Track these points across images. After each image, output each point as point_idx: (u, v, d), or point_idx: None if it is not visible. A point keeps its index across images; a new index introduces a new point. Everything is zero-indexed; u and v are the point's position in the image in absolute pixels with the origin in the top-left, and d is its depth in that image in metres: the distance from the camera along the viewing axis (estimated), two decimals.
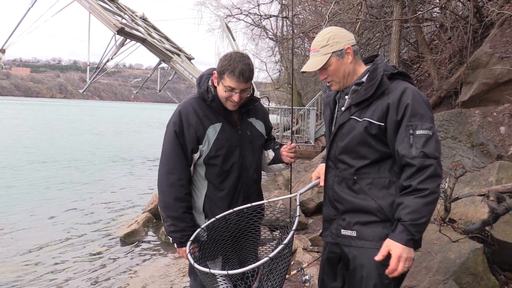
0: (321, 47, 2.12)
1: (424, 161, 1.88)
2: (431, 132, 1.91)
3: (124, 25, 14.39)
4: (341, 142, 2.13)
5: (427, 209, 1.87)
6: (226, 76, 2.25)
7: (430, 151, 1.88)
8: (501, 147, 5.31)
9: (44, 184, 11.16)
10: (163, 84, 18.82)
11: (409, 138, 1.92)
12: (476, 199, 3.64)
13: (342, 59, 2.11)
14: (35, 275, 5.35)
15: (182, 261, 5.46)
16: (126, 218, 8.09)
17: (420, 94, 1.99)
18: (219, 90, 2.34)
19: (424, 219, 1.87)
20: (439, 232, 3.20)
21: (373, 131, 2.00)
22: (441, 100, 7.13)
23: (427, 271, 2.88)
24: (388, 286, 2.00)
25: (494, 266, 3.34)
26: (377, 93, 2.02)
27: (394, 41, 7.13)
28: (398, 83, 2.03)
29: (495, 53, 5.69)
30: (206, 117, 2.36)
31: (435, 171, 1.87)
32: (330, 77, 2.16)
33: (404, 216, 1.87)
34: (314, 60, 2.15)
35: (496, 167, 3.97)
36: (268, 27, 21.94)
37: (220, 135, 2.36)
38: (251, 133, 2.48)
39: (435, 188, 1.88)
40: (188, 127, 2.33)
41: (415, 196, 1.87)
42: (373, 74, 2.07)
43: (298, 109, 16.46)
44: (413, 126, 1.92)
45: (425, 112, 1.94)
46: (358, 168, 2.05)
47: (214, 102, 2.36)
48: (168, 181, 2.35)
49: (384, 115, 1.98)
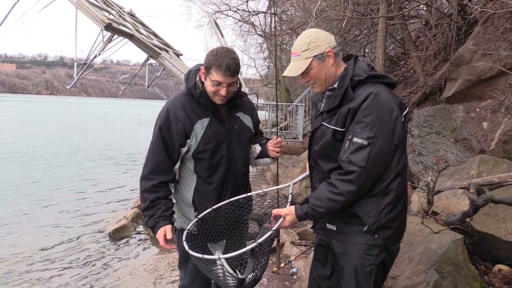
0: (302, 51, 2.15)
1: (347, 166, 1.97)
2: (367, 142, 1.94)
3: (112, 20, 14.27)
4: (316, 146, 2.22)
5: (328, 203, 2.01)
6: (213, 71, 2.29)
7: (355, 159, 1.95)
8: (483, 142, 5.43)
9: (29, 182, 11.06)
10: (151, 80, 18.71)
11: (346, 143, 2.01)
12: (457, 192, 3.74)
13: (323, 63, 2.14)
14: (24, 271, 5.35)
15: (171, 256, 5.50)
16: (115, 214, 8.09)
17: (380, 101, 1.99)
18: (207, 85, 2.38)
19: (322, 209, 2.03)
20: (422, 224, 3.29)
21: (339, 137, 2.07)
22: (426, 96, 7.25)
23: (410, 261, 2.97)
24: (369, 274, 2.09)
25: (474, 257, 3.45)
26: (342, 103, 2.07)
27: (380, 38, 7.23)
28: (366, 88, 2.04)
29: (478, 50, 5.81)
30: (194, 113, 2.41)
31: (353, 178, 1.95)
32: (312, 80, 2.20)
33: (311, 198, 2.06)
34: (296, 64, 2.17)
35: (477, 161, 4.07)
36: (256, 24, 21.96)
37: (207, 130, 2.41)
38: (238, 127, 2.54)
39: (345, 192, 1.98)
40: (177, 122, 2.37)
41: (327, 187, 2.02)
42: (341, 82, 2.11)
43: (286, 105, 16.53)
44: (353, 133, 1.99)
45: (370, 121, 1.95)
46: (329, 170, 2.12)
47: (202, 97, 2.41)
48: (147, 184, 2.42)
49: (345, 120, 2.04)
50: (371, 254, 2.07)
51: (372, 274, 2.09)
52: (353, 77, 2.08)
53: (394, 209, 2.05)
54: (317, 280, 2.41)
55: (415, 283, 2.83)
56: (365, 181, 1.97)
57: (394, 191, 2.04)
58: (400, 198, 2.08)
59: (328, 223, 2.21)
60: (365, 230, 2.05)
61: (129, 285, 4.80)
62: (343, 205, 2.02)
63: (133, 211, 7.47)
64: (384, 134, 1.96)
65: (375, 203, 2.03)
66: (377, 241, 2.05)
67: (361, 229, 2.06)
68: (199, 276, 2.55)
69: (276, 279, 4.52)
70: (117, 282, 4.94)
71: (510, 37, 5.60)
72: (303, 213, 2.08)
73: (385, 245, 2.08)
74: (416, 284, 2.82)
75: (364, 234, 2.06)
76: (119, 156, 16.74)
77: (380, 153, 1.96)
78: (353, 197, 2.00)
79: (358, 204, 2.05)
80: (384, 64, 7.47)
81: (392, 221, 2.06)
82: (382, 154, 1.97)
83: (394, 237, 2.10)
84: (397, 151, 2.02)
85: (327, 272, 2.36)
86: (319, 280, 2.39)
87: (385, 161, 2.00)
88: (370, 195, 2.03)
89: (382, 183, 2.02)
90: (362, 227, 2.06)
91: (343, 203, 2.01)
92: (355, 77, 2.08)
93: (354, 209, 2.06)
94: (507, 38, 5.64)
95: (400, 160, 2.05)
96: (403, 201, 2.12)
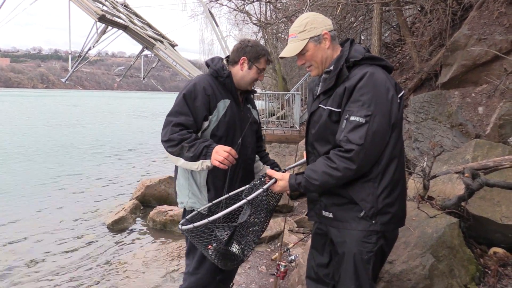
0: (299, 32, 2.17)
1: (345, 145, 1.97)
2: (364, 120, 1.94)
3: (105, 12, 14.18)
4: (313, 129, 2.22)
5: (323, 177, 2.01)
6: (262, 60, 2.58)
7: (353, 138, 1.95)
8: (479, 127, 5.45)
9: (27, 176, 11.08)
10: (147, 71, 18.63)
11: (343, 122, 2.01)
12: (453, 177, 3.76)
13: (319, 45, 2.16)
14: (24, 264, 5.37)
15: (170, 246, 5.53)
16: (114, 206, 8.11)
17: (376, 80, 2.00)
18: (250, 73, 2.59)
19: (316, 182, 2.03)
20: (418, 208, 3.32)
21: (335, 118, 2.07)
22: (422, 82, 7.24)
23: (406, 245, 3.00)
24: (367, 261, 2.10)
25: (470, 240, 3.49)
26: (338, 83, 2.07)
27: (375, 24, 7.20)
28: (362, 68, 2.05)
29: (473, 35, 5.79)
30: (219, 91, 2.58)
31: (352, 156, 1.95)
32: (308, 62, 2.21)
33: (307, 170, 2.09)
34: (292, 45, 2.20)
35: (472, 145, 4.09)
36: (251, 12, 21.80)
37: (228, 110, 2.56)
38: (250, 116, 2.73)
39: (342, 168, 1.97)
40: (204, 95, 2.50)
41: (324, 161, 2.03)
42: (337, 63, 2.12)
43: (283, 94, 16.50)
44: (350, 112, 1.99)
45: (367, 100, 1.96)
46: (325, 153, 2.11)
47: (229, 78, 2.59)
48: (173, 135, 2.41)
49: (341, 100, 2.04)
50: (368, 241, 2.07)
51: (370, 262, 2.10)
52: (349, 58, 2.09)
53: (391, 194, 2.05)
54: (315, 268, 2.42)
55: (411, 267, 2.86)
56: (363, 160, 1.96)
57: (391, 175, 2.04)
58: (398, 183, 2.08)
59: (324, 210, 2.21)
60: (362, 215, 2.05)
61: (128, 276, 4.83)
62: (337, 182, 2.01)
63: (132, 203, 7.49)
64: (381, 113, 1.97)
65: (372, 187, 2.03)
66: (374, 227, 2.05)
67: (358, 215, 2.06)
68: (206, 263, 2.60)
69: (274, 266, 4.56)
70: (117, 272, 4.98)
71: (505, 22, 5.58)
72: (296, 183, 2.11)
73: (383, 231, 2.07)
74: (412, 268, 2.86)
75: (361, 220, 2.06)
76: (119, 148, 16.73)
77: (378, 132, 1.96)
78: (349, 175, 1.99)
79: (355, 189, 2.05)
80: (379, 50, 7.45)
81: (390, 206, 2.06)
82: (380, 132, 1.97)
83: (393, 223, 2.10)
84: (393, 133, 2.02)
85: (325, 260, 2.38)
86: (317, 268, 2.41)
87: (383, 140, 1.99)
88: (367, 180, 2.03)
89: (379, 166, 2.02)
90: (359, 213, 2.06)
91: (338, 179, 2.00)
92: (351, 58, 2.09)
93: (350, 194, 2.06)
94: (502, 22, 5.62)
95: (397, 143, 2.06)
96: (401, 186, 2.12)
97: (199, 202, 2.56)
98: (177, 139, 2.39)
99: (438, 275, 2.86)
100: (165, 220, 6.50)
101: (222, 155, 2.31)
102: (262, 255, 4.90)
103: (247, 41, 2.65)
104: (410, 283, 2.82)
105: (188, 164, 2.41)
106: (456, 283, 2.90)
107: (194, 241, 2.22)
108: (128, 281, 4.70)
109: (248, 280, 4.30)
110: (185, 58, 16.10)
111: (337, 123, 2.06)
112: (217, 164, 2.32)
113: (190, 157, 2.37)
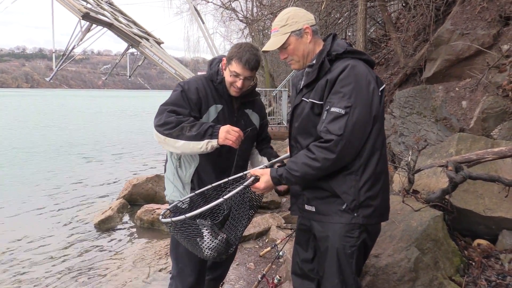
0: (280, 26, 2.18)
1: (325, 135, 1.98)
2: (344, 111, 1.95)
3: (89, 9, 14.01)
4: (296, 123, 2.23)
5: (303, 168, 2.02)
6: (233, 62, 2.41)
7: (332, 128, 1.96)
8: (463, 121, 5.51)
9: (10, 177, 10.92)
10: (133, 70, 18.50)
11: (324, 114, 2.03)
12: (437, 170, 3.81)
13: (301, 39, 2.17)
14: (10, 266, 5.30)
15: (157, 244, 5.51)
16: (100, 206, 8.04)
17: (358, 73, 2.01)
18: (226, 74, 2.49)
19: (297, 173, 2.04)
20: (403, 202, 3.35)
21: (317, 111, 2.09)
22: (407, 78, 7.30)
23: (391, 239, 3.03)
24: (350, 256, 2.11)
25: (454, 233, 3.53)
26: (320, 76, 2.09)
27: (360, 20, 7.23)
28: (343, 61, 2.07)
29: (456, 29, 5.85)
30: (212, 96, 2.52)
31: (330, 146, 1.95)
32: (290, 56, 2.21)
33: (288, 162, 2.11)
34: (274, 39, 2.20)
35: (455, 139, 4.14)
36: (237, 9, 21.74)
37: (219, 115, 2.50)
38: (245, 123, 2.61)
39: (321, 158, 1.98)
40: (197, 95, 2.46)
41: (304, 152, 2.04)
42: (319, 57, 2.13)
43: (270, 90, 16.50)
44: (330, 103, 2.00)
45: (348, 91, 1.97)
46: (306, 146, 2.10)
47: (221, 84, 2.52)
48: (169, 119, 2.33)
49: (323, 93, 2.05)
50: (351, 236, 2.08)
51: (353, 256, 2.11)
52: (331, 52, 2.11)
53: (373, 187, 2.06)
54: (299, 264, 2.43)
55: (396, 260, 2.89)
56: (343, 150, 1.96)
57: (373, 168, 2.05)
58: (380, 176, 2.09)
59: (307, 204, 2.21)
60: (344, 208, 2.06)
61: (116, 275, 4.79)
62: (318, 173, 2.01)
63: (119, 202, 7.43)
64: (362, 104, 1.97)
65: (353, 180, 2.04)
66: (356, 220, 2.06)
67: (340, 207, 2.07)
68: (191, 262, 2.58)
69: (262, 262, 4.57)
70: (104, 272, 4.93)
71: (487, 16, 5.65)
72: (278, 175, 2.11)
73: (365, 224, 2.08)
74: (397, 261, 2.88)
75: (343, 212, 2.07)
76: (104, 148, 16.58)
77: (358, 123, 1.96)
78: (329, 166, 1.99)
79: (337, 182, 2.06)
80: (365, 46, 7.48)
81: (372, 199, 2.06)
82: (359, 124, 1.97)
83: (375, 216, 2.10)
84: (375, 125, 2.03)
85: (309, 256, 2.39)
86: (302, 264, 2.42)
87: (363, 132, 2.00)
88: (349, 172, 2.04)
89: (361, 159, 2.03)
90: (341, 205, 2.07)
91: (318, 169, 2.00)
92: (333, 52, 2.10)
93: (332, 187, 2.07)
94: (484, 17, 5.68)
95: (379, 135, 2.07)
96: (383, 179, 2.13)
97: (180, 197, 2.55)
98: (174, 121, 2.30)
99: (423, 268, 2.88)
100: (153, 219, 6.45)
101: (234, 135, 2.28)
102: (250, 252, 4.90)
103: (242, 42, 2.56)
104: (395, 276, 2.85)
105: (189, 145, 2.27)
106: (441, 275, 2.93)
107: (177, 236, 2.23)
108: (115, 280, 4.66)
109: (237, 277, 4.30)
110: (172, 56, 16.01)
111: (320, 115, 2.07)
112: (230, 143, 2.27)
113: (193, 136, 2.26)
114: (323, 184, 2.11)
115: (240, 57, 2.38)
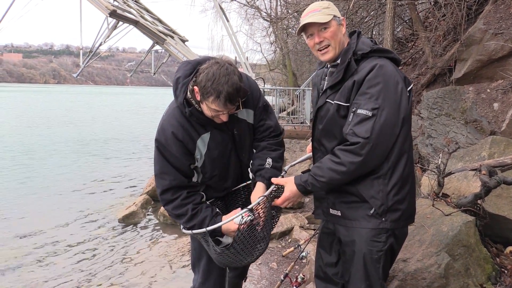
0: (323, 8, 2.07)
1: (351, 138, 1.91)
2: (371, 113, 1.88)
3: (116, 7, 14.19)
4: (320, 125, 2.16)
5: (329, 173, 1.97)
6: (211, 101, 2.00)
7: (359, 131, 1.89)
8: (494, 123, 5.36)
9: (38, 172, 11.17)
10: (157, 67, 18.65)
11: (350, 116, 1.96)
12: (468, 174, 3.70)
13: (340, 26, 2.10)
14: (35, 258, 5.42)
15: (180, 241, 5.53)
16: (124, 201, 8.15)
17: (386, 73, 1.94)
18: (204, 108, 2.08)
19: (323, 179, 1.98)
20: (433, 206, 3.26)
21: (343, 113, 2.02)
22: (435, 78, 7.14)
23: (421, 244, 2.95)
24: (377, 261, 2.06)
25: (486, 239, 3.42)
26: (346, 77, 2.01)
27: (388, 19, 7.09)
28: (370, 61, 1.99)
29: (489, 29, 5.69)
30: (193, 128, 2.17)
31: (356, 149, 1.89)
32: (327, 41, 2.08)
33: (313, 167, 2.04)
34: (319, 15, 2.05)
35: (488, 142, 4.01)
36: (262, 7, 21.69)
37: (210, 144, 2.21)
38: (237, 132, 2.31)
39: (346, 162, 1.92)
40: (177, 142, 2.14)
41: (330, 157, 1.99)
42: (344, 56, 2.05)
43: (293, 89, 16.42)
44: (357, 105, 1.93)
45: (375, 92, 1.90)
46: (331, 149, 2.04)
47: (194, 116, 2.12)
48: (174, 202, 2.21)
49: (349, 94, 1.98)
50: (378, 240, 2.03)
51: (380, 261, 2.06)
52: (356, 51, 2.04)
53: (401, 191, 2.01)
54: (323, 268, 2.39)
55: (426, 266, 2.81)
56: (369, 154, 1.89)
57: (400, 171, 1.99)
58: (407, 179, 2.04)
59: (332, 208, 2.16)
60: (372, 213, 2.01)
61: (140, 270, 4.84)
62: (344, 177, 1.96)
63: (143, 197, 7.52)
64: (390, 106, 1.90)
65: (381, 184, 1.98)
66: (384, 225, 2.01)
67: (368, 212, 2.01)
68: (212, 277, 2.53)
69: (285, 262, 4.54)
70: (128, 267, 4.99)
71: None
72: (302, 182, 2.05)
73: (392, 229, 2.03)
74: (427, 267, 2.80)
75: (371, 217, 2.01)
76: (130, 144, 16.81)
77: (386, 125, 1.89)
78: (355, 170, 1.93)
79: (364, 186, 2.00)
80: (392, 46, 7.34)
81: (400, 203, 2.01)
82: (388, 126, 1.90)
83: (403, 220, 2.05)
84: (403, 127, 1.96)
85: (333, 260, 2.34)
86: (326, 267, 2.37)
87: (391, 134, 1.93)
88: (377, 176, 1.98)
89: (389, 162, 1.97)
90: (368, 210, 2.02)
91: (344, 174, 1.94)
92: (358, 51, 2.03)
93: (359, 191, 2.02)
94: None
95: (406, 137, 2.00)
96: (411, 182, 2.07)
97: None
98: (185, 213, 2.18)
99: (454, 274, 2.80)
100: None
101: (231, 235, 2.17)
102: (273, 251, 4.87)
103: (213, 70, 1.98)
104: (425, 282, 2.77)
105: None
106: (472, 282, 2.84)
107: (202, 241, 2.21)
108: (138, 275, 4.71)
109: (259, 276, 4.28)
110: (196, 54, 16.08)
111: (345, 118, 2.01)
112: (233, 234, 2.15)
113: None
114: (349, 188, 2.05)
115: (218, 95, 1.96)
